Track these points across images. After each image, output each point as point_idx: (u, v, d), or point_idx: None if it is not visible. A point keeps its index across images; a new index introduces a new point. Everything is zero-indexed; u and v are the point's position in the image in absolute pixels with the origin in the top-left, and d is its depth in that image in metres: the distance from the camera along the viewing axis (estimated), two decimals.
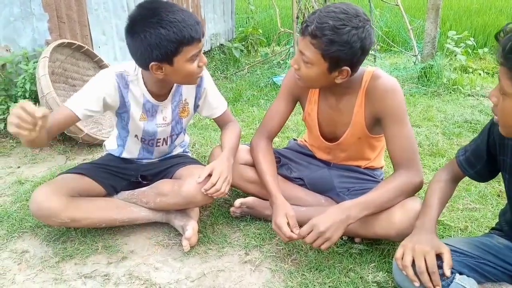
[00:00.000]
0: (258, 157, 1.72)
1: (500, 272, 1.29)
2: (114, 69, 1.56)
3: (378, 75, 1.56)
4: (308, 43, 1.40)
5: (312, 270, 1.48)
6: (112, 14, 3.16)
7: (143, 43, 1.36)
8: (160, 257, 1.57)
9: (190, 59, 1.42)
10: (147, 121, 1.65)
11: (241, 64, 4.69)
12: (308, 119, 1.76)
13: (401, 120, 1.53)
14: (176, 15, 1.36)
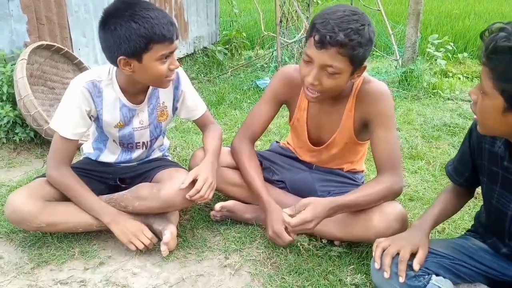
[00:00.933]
0: (243, 161, 1.72)
1: (475, 273, 1.31)
2: (85, 78, 1.55)
3: (369, 79, 1.58)
4: (334, 54, 1.34)
5: (292, 273, 1.48)
6: (93, 16, 3.13)
7: (113, 35, 1.36)
8: (138, 262, 1.55)
9: (160, 59, 1.42)
10: (123, 127, 1.64)
11: (224, 67, 4.69)
12: (297, 125, 1.75)
13: (389, 125, 1.55)
14: (150, 12, 1.37)
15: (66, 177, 1.56)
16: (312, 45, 1.37)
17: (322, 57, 1.37)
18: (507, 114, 0.99)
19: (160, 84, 1.54)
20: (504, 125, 1.02)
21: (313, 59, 1.39)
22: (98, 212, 1.56)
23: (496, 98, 0.99)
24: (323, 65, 1.38)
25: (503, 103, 0.98)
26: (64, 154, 1.56)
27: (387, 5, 8.36)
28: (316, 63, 1.38)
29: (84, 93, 1.52)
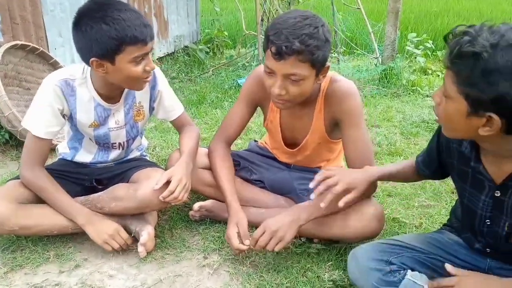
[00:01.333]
0: (215, 162, 1.71)
1: None
2: (58, 76, 1.52)
3: (335, 79, 1.57)
4: (294, 62, 1.34)
5: (270, 271, 1.48)
6: (69, 15, 3.07)
7: (85, 37, 1.34)
8: (115, 264, 1.53)
9: (133, 61, 1.40)
10: (98, 126, 1.61)
11: (206, 66, 4.66)
12: (270, 126, 1.75)
13: (358, 123, 1.55)
14: (123, 13, 1.35)
15: (40, 177, 1.52)
16: (270, 57, 1.36)
17: (283, 68, 1.36)
18: (471, 118, 0.99)
19: (135, 86, 1.52)
20: (468, 128, 1.02)
21: (274, 70, 1.38)
22: (72, 213, 1.53)
23: (460, 102, 0.98)
24: (285, 74, 1.37)
25: (467, 107, 0.98)
26: (37, 154, 1.53)
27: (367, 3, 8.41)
28: (279, 74, 1.38)
29: (57, 92, 1.50)
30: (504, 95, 0.90)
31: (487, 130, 0.98)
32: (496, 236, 1.21)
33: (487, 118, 0.96)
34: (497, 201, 1.16)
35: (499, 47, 0.90)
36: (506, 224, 1.16)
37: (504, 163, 1.10)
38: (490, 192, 1.16)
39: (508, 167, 1.09)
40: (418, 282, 1.23)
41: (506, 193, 1.13)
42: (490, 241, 1.23)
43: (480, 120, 0.98)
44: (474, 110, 0.97)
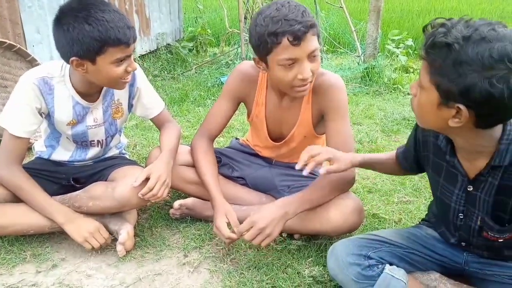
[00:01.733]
0: (198, 157, 1.70)
1: (428, 261, 1.35)
2: (35, 74, 1.49)
3: (322, 72, 1.59)
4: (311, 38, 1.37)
5: (251, 269, 1.48)
6: (47, 12, 3.01)
7: (66, 36, 1.32)
8: (93, 263, 1.51)
9: (115, 62, 1.38)
10: (76, 124, 1.59)
11: (188, 64, 4.63)
12: (256, 121, 1.75)
13: (343, 116, 1.58)
14: (106, 14, 1.33)
15: (17, 176, 1.50)
16: (287, 48, 1.35)
17: (305, 49, 1.37)
18: (441, 108, 1.01)
19: (115, 86, 1.50)
20: (439, 119, 1.04)
21: (298, 57, 1.38)
22: (51, 212, 1.50)
23: (432, 93, 1.01)
24: (309, 54, 1.39)
25: (438, 98, 1.00)
26: (14, 153, 1.50)
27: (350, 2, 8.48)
28: (303, 57, 1.38)
29: (34, 90, 1.47)
30: (472, 87, 0.92)
31: (457, 122, 1.00)
32: (469, 230, 1.23)
33: (456, 110, 0.98)
34: (469, 195, 1.18)
35: (471, 40, 0.91)
36: (479, 218, 1.18)
37: (477, 158, 1.12)
38: (463, 186, 1.18)
39: (481, 163, 1.11)
40: (396, 276, 1.24)
41: (478, 188, 1.15)
42: (464, 235, 1.26)
43: (450, 111, 1.00)
44: (444, 101, 0.99)
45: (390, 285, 1.22)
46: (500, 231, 1.17)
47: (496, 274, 1.26)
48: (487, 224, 1.17)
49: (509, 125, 1.06)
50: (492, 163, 1.08)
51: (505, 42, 0.90)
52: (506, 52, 0.89)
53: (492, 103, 0.92)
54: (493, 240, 1.19)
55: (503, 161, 1.07)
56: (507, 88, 0.89)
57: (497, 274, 1.25)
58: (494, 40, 0.90)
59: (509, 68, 0.89)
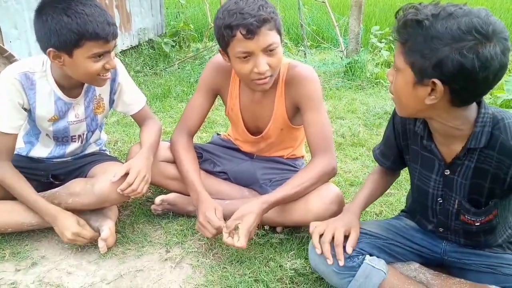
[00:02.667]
0: (179, 154, 1.69)
1: (408, 252, 1.37)
2: (17, 69, 1.46)
3: (294, 65, 1.60)
4: (266, 32, 1.37)
5: (233, 263, 1.48)
6: (24, 7, 2.95)
7: (44, 26, 1.32)
8: (73, 261, 1.49)
9: (92, 57, 1.37)
10: (58, 120, 1.57)
11: (171, 59, 4.59)
12: (231, 114, 1.75)
13: (318, 107, 1.58)
14: (87, 8, 1.32)
15: (5, 172, 1.48)
16: (241, 41, 1.37)
17: (259, 43, 1.38)
18: (417, 87, 1.04)
19: (93, 82, 1.48)
20: (416, 99, 1.06)
21: (251, 50, 1.39)
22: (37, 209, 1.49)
23: (407, 73, 1.04)
24: (264, 48, 1.39)
25: (413, 76, 1.03)
26: (3, 149, 1.48)
27: None
28: (257, 51, 1.39)
29: (16, 85, 1.45)
30: (444, 59, 0.96)
31: (433, 99, 1.03)
32: (447, 214, 1.26)
33: (432, 87, 1.01)
34: (447, 179, 1.21)
35: (440, 16, 0.97)
36: (456, 202, 1.22)
37: (453, 142, 1.15)
38: (440, 171, 1.21)
39: (457, 146, 1.15)
40: (376, 267, 1.26)
41: (455, 171, 1.18)
42: (442, 219, 1.28)
43: (426, 89, 1.03)
44: (419, 79, 1.02)
45: (370, 275, 1.24)
46: (476, 213, 1.20)
47: (474, 263, 1.29)
48: (464, 207, 1.21)
49: (483, 108, 1.09)
50: (468, 145, 1.11)
51: (471, 16, 0.95)
52: (473, 25, 0.94)
53: (464, 74, 0.96)
54: (469, 223, 1.23)
55: (478, 143, 1.10)
56: (476, 58, 0.93)
57: (475, 263, 1.29)
58: (461, 16, 0.95)
59: (477, 39, 0.93)
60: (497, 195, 1.16)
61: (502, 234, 1.27)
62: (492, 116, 1.09)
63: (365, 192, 1.45)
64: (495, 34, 0.94)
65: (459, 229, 1.27)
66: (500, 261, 1.26)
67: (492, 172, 1.12)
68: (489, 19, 0.95)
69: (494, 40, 0.94)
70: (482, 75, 0.95)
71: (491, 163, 1.11)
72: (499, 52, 0.94)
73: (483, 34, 0.93)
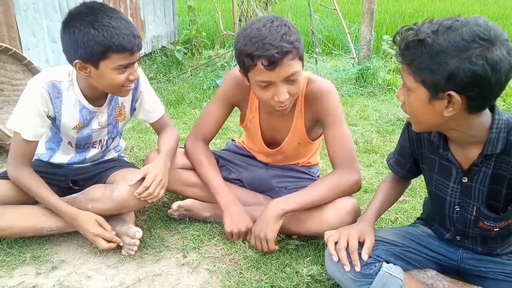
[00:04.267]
0: (201, 160, 1.71)
1: (424, 259, 1.37)
2: (44, 78, 1.50)
3: (313, 79, 1.60)
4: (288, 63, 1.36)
5: (250, 268, 1.50)
6: (43, 15, 3.02)
7: (71, 38, 1.35)
8: (93, 265, 1.51)
9: (118, 68, 1.40)
10: (82, 128, 1.60)
11: (184, 66, 4.65)
12: (250, 126, 1.76)
13: (340, 121, 1.59)
14: (113, 21, 1.35)
15: (26, 177, 1.52)
16: (262, 71, 1.36)
17: (280, 74, 1.37)
18: (433, 102, 1.05)
19: (117, 93, 1.51)
20: (434, 114, 1.08)
21: (273, 80, 1.39)
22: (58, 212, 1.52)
23: (420, 91, 1.06)
24: (285, 78, 1.39)
25: (426, 93, 1.05)
26: (25, 156, 1.53)
27: (343, 4, 8.55)
28: (278, 81, 1.39)
29: (43, 94, 1.48)
30: (455, 71, 0.98)
31: (451, 110, 1.04)
32: (465, 222, 1.26)
33: (448, 99, 1.03)
34: (464, 186, 1.21)
35: (439, 31, 0.99)
36: (474, 209, 1.22)
37: (469, 149, 1.16)
38: (458, 179, 1.22)
39: (473, 153, 1.16)
40: (394, 274, 1.26)
41: (473, 178, 1.19)
42: (460, 227, 1.28)
43: (442, 102, 1.04)
44: (434, 94, 1.04)
45: (388, 283, 1.24)
46: (496, 219, 1.20)
47: (491, 271, 1.28)
48: (483, 214, 1.21)
49: (497, 114, 1.11)
50: (485, 152, 1.12)
51: (470, 25, 0.98)
52: (475, 33, 0.96)
53: (478, 80, 0.97)
54: (489, 229, 1.23)
55: (495, 149, 1.11)
56: (486, 63, 0.96)
57: (492, 271, 1.28)
58: (460, 27, 0.98)
59: (483, 45, 0.96)
60: None
61: None
62: (507, 122, 1.11)
63: (378, 200, 1.45)
64: (497, 37, 0.97)
65: (477, 236, 1.27)
66: None
67: (509, 178, 1.13)
68: (488, 25, 0.98)
69: (498, 43, 0.96)
70: (495, 78, 0.97)
71: (507, 168, 1.13)
72: (505, 54, 0.97)
73: (487, 40, 0.96)
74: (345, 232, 1.32)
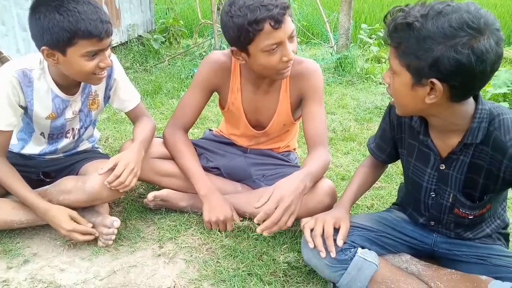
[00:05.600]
0: (180, 149, 1.70)
1: (399, 244, 1.39)
2: (14, 67, 1.45)
3: (300, 60, 1.63)
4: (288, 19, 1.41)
5: (227, 257, 1.49)
6: (12, 3, 2.91)
7: (37, 24, 1.31)
8: (66, 258, 1.48)
9: (86, 55, 1.36)
10: (56, 118, 1.56)
11: (161, 56, 4.57)
12: (232, 108, 1.75)
13: (320, 101, 1.63)
14: (79, 5, 1.31)
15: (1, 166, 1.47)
16: (269, 33, 1.37)
17: (286, 31, 1.41)
18: (416, 88, 1.05)
19: (88, 81, 1.47)
20: (416, 100, 1.07)
21: (281, 40, 1.41)
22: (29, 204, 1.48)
23: (404, 75, 1.05)
24: (289, 35, 1.43)
25: (410, 77, 1.04)
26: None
27: None
28: (284, 39, 1.42)
29: (13, 82, 1.43)
30: (440, 58, 0.96)
31: (433, 98, 1.04)
32: (440, 208, 1.28)
33: (430, 86, 1.02)
34: (441, 173, 1.22)
35: (429, 16, 0.97)
36: (451, 196, 1.23)
37: (450, 137, 1.16)
38: (435, 165, 1.23)
39: (453, 141, 1.16)
40: (368, 259, 1.27)
41: (450, 166, 1.20)
42: (435, 213, 1.30)
43: (424, 89, 1.03)
44: (417, 80, 1.03)
45: (362, 268, 1.26)
46: (471, 207, 1.22)
47: (464, 254, 1.31)
48: (459, 201, 1.23)
49: (480, 104, 1.11)
50: (465, 140, 1.13)
51: (461, 12, 0.95)
52: (464, 20, 0.94)
53: (462, 70, 0.96)
54: (463, 216, 1.25)
55: (475, 139, 1.11)
56: (472, 52, 0.93)
57: (465, 255, 1.31)
58: (450, 13, 0.95)
59: (470, 34, 0.93)
60: (491, 190, 1.18)
61: (490, 224, 1.29)
62: (489, 112, 1.10)
63: (355, 185, 1.46)
64: (487, 26, 0.94)
65: (451, 222, 1.29)
66: (489, 252, 1.28)
67: (486, 168, 1.14)
68: (479, 12, 0.95)
69: (487, 33, 0.94)
70: (479, 69, 0.95)
71: (485, 158, 1.13)
72: (493, 44, 0.94)
73: (475, 28, 0.93)
74: (321, 218, 1.33)
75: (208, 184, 1.65)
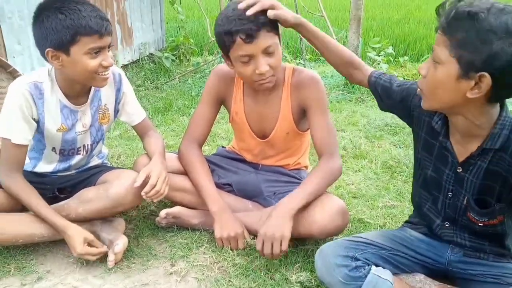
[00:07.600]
0: (195, 166, 1.73)
1: (412, 263, 1.38)
2: (25, 80, 1.49)
3: (300, 70, 1.67)
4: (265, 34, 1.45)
5: (239, 276, 1.48)
6: (27, 23, 2.98)
7: (41, 27, 1.37)
8: (79, 275, 1.49)
9: (89, 53, 1.40)
10: (67, 131, 1.59)
11: (172, 73, 4.63)
12: (236, 118, 1.78)
13: (325, 110, 1.65)
14: (80, 5, 1.38)
15: (17, 183, 1.51)
16: (241, 45, 1.44)
17: (259, 46, 1.44)
18: (461, 80, 1.04)
19: (92, 81, 1.49)
20: (456, 93, 1.06)
21: (252, 53, 1.45)
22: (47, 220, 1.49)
23: (451, 66, 1.04)
24: (263, 49, 1.46)
25: (458, 70, 1.03)
26: (16, 161, 1.51)
27: (331, 11, 8.63)
28: (257, 53, 1.46)
29: (26, 96, 1.47)
30: (498, 54, 0.96)
31: (476, 93, 1.03)
32: (455, 209, 1.28)
33: (476, 81, 1.01)
34: (458, 176, 1.23)
35: (492, 11, 0.97)
36: (465, 198, 1.23)
37: (469, 142, 1.17)
38: (453, 167, 1.23)
39: (472, 146, 1.17)
40: (383, 277, 1.26)
41: (467, 170, 1.20)
42: (450, 213, 1.30)
43: (469, 83, 1.03)
44: (465, 72, 1.02)
45: (377, 285, 1.24)
46: (479, 213, 1.22)
47: (479, 273, 1.29)
48: (470, 205, 1.23)
49: (505, 112, 1.11)
50: (484, 145, 1.13)
51: None
52: None
53: None
54: (474, 222, 1.24)
55: (494, 145, 1.12)
56: None
57: (480, 274, 1.29)
58: None
59: None
60: (503, 199, 1.17)
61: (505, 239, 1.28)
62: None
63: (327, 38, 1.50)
64: None
65: (465, 226, 1.28)
66: (504, 271, 1.26)
67: (503, 176, 1.14)
68: None
69: None
70: None
71: (503, 166, 1.13)
72: None
73: None
74: None
75: (219, 201, 1.67)
